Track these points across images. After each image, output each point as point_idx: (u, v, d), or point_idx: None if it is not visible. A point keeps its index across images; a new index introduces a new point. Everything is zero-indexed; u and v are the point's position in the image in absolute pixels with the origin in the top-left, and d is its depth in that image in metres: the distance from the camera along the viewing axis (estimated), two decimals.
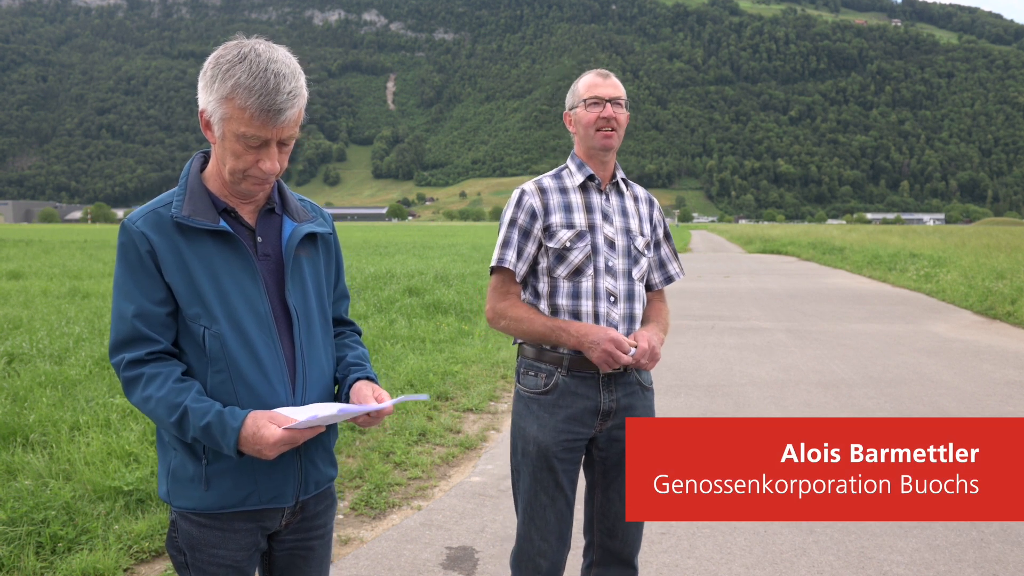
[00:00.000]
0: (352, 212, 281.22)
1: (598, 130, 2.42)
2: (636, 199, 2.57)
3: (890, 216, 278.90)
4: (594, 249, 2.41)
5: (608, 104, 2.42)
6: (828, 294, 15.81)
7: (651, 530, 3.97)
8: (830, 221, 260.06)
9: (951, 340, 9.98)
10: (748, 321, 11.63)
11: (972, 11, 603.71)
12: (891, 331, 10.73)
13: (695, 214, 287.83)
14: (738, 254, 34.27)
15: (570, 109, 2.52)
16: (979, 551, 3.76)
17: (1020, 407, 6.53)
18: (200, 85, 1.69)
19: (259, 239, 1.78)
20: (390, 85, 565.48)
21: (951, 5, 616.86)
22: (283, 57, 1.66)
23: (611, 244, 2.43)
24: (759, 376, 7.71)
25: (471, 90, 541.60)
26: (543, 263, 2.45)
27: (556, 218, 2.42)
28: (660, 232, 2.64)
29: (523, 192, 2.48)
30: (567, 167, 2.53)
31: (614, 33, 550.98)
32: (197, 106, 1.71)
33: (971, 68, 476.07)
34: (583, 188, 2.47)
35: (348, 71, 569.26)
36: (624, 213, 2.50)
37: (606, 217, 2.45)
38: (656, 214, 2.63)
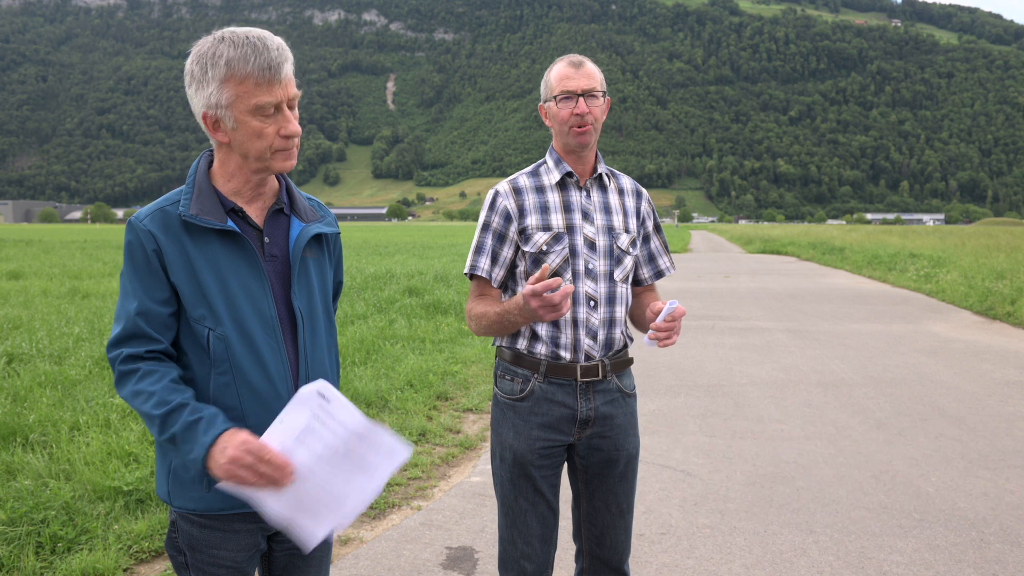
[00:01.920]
0: (352, 212, 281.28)
1: (572, 127, 2.27)
2: (621, 192, 2.42)
3: (890, 216, 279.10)
4: (572, 252, 2.29)
5: (581, 99, 2.25)
6: (828, 294, 15.80)
7: (651, 530, 3.97)
8: (830, 221, 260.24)
9: (951, 340, 9.98)
10: (748, 321, 11.62)
11: (972, 11, 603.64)
12: (891, 331, 10.72)
13: (695, 214, 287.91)
14: (738, 254, 34.26)
15: (544, 102, 2.36)
16: (979, 551, 3.76)
17: (1020, 407, 6.53)
18: (191, 91, 1.66)
19: (266, 239, 1.76)
20: (390, 85, 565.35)
21: (951, 5, 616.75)
22: (255, 29, 1.67)
23: (591, 245, 2.31)
24: (759, 376, 7.71)
25: (471, 90, 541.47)
26: (521, 266, 2.35)
27: (532, 220, 2.30)
28: (650, 224, 2.49)
29: (496, 193, 2.36)
30: (545, 162, 2.39)
31: (614, 33, 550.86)
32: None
33: (971, 68, 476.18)
34: (561, 185, 2.34)
35: (348, 71, 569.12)
36: (607, 210, 2.36)
37: (586, 216, 2.32)
38: (644, 206, 2.47)
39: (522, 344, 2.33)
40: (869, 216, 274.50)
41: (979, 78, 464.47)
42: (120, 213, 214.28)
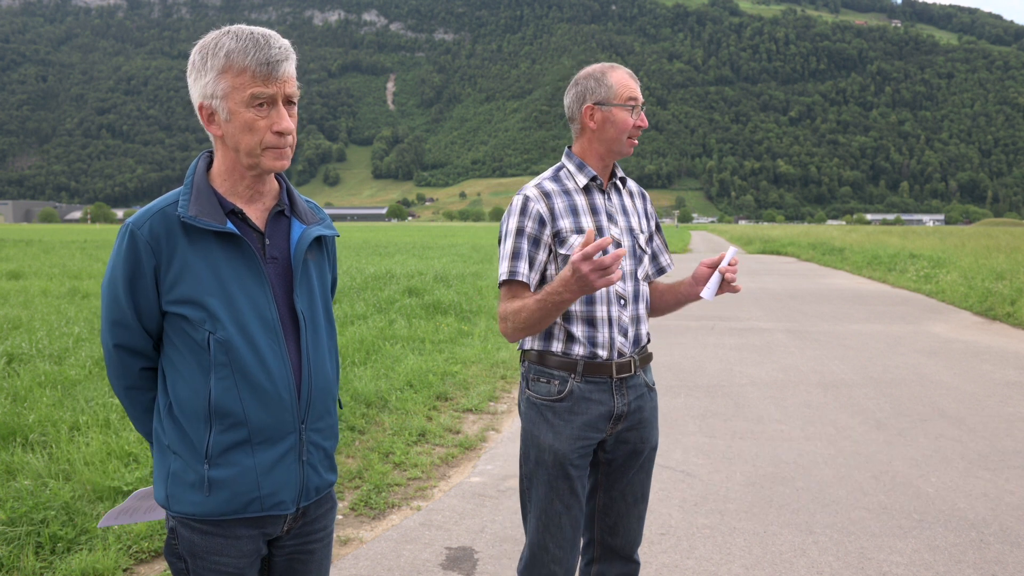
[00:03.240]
0: (352, 212, 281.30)
1: (629, 137, 2.34)
2: (631, 194, 2.53)
3: (890, 217, 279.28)
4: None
5: (642, 112, 2.36)
6: (828, 294, 15.81)
7: (651, 530, 3.97)
8: (830, 222, 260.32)
9: (951, 341, 9.98)
10: (748, 321, 11.63)
11: (972, 12, 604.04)
12: (891, 332, 10.73)
13: (695, 215, 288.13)
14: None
15: (600, 104, 2.34)
16: (979, 552, 3.76)
17: (1020, 408, 6.53)
18: (191, 80, 1.66)
19: (267, 241, 1.73)
20: (390, 85, 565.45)
21: (951, 6, 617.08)
22: (264, 28, 1.68)
23: (617, 246, 2.38)
24: (759, 376, 7.71)
25: (471, 90, 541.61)
26: (551, 269, 2.37)
27: (565, 223, 2.33)
28: (652, 224, 2.60)
29: (527, 199, 2.36)
30: (565, 167, 2.43)
31: (614, 33, 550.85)
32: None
33: (971, 69, 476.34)
34: (586, 190, 2.40)
35: (348, 71, 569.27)
36: (626, 212, 2.45)
37: (611, 218, 2.40)
38: (649, 207, 2.59)
39: (557, 346, 2.37)
40: (869, 216, 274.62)
41: (979, 79, 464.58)
42: (120, 213, 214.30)
